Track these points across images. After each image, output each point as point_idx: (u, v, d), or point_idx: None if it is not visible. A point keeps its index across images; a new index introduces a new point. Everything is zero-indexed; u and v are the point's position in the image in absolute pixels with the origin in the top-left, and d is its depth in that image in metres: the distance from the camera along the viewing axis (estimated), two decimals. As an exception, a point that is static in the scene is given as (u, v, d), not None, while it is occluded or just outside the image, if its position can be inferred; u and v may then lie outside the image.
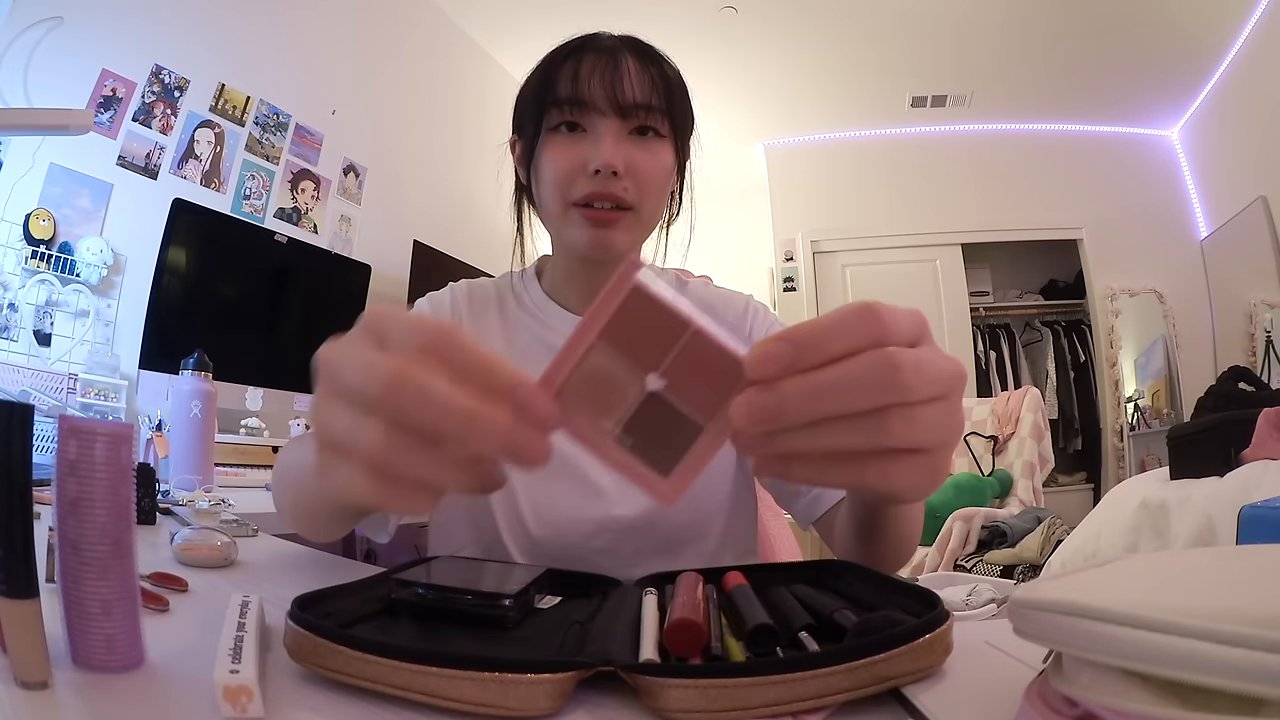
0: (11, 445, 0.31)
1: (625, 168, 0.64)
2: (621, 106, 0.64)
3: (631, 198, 0.65)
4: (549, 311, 0.75)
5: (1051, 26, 3.26)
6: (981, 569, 2.49)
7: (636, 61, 0.66)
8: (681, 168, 0.72)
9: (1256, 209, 3.28)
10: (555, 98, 0.65)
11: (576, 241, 0.67)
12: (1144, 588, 0.28)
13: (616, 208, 0.65)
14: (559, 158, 0.65)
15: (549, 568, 0.55)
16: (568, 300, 0.75)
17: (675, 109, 0.67)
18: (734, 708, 0.32)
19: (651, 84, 0.65)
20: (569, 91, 0.64)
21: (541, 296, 0.76)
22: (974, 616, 1.63)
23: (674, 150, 0.68)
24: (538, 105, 0.66)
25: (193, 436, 1.33)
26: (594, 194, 0.64)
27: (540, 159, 0.67)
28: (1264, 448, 1.50)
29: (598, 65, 0.65)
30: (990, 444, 3.50)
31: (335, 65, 2.61)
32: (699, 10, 3.15)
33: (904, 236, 4.15)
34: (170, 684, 0.34)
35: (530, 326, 0.74)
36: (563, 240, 0.70)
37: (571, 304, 0.74)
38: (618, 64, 0.65)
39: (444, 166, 3.08)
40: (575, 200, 0.65)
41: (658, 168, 0.66)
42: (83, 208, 1.80)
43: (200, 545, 0.62)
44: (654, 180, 0.66)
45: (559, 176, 0.65)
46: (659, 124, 0.66)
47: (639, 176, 0.65)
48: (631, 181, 0.65)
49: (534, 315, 0.75)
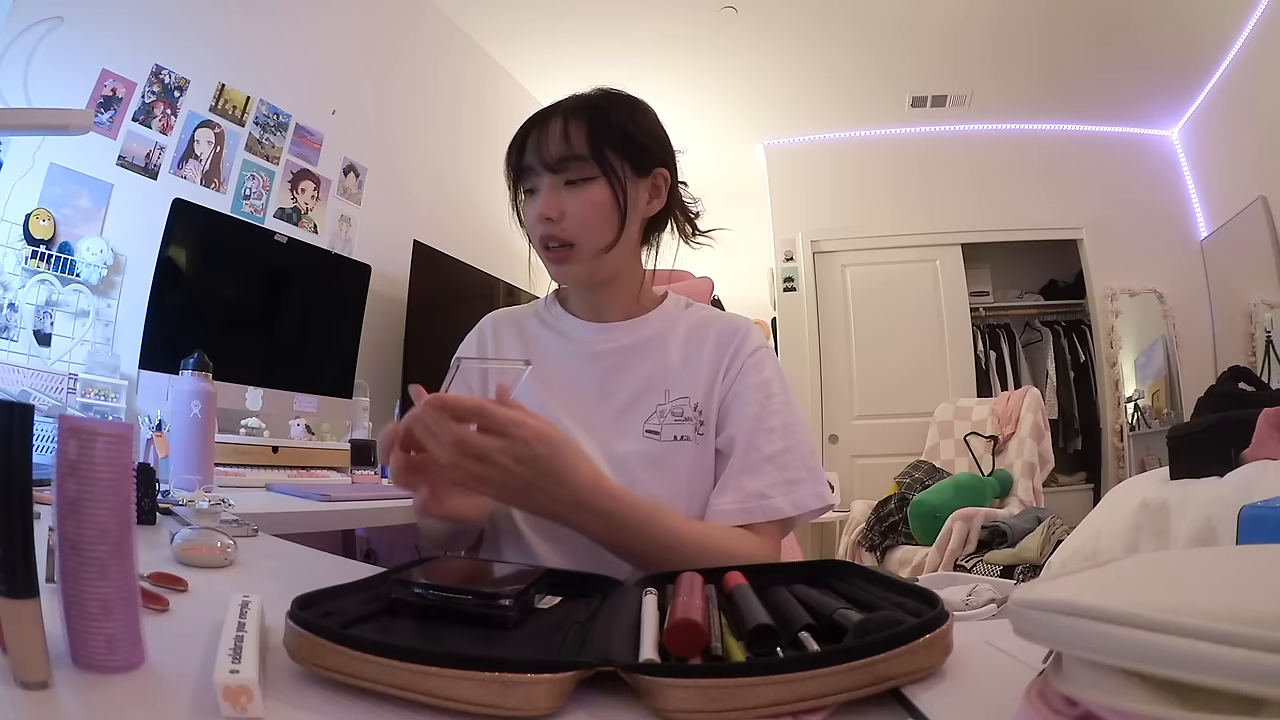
0: (11, 445, 0.31)
1: (558, 213, 0.77)
2: (548, 164, 0.78)
3: (570, 235, 0.78)
4: (566, 322, 0.90)
5: (1051, 27, 3.26)
6: (981, 569, 2.49)
7: (563, 121, 0.78)
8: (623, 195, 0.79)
9: (1256, 209, 3.28)
10: (516, 167, 0.81)
11: (550, 274, 0.84)
12: (1144, 588, 0.28)
13: (561, 245, 0.78)
14: (526, 215, 0.82)
15: (549, 568, 0.55)
16: (580, 314, 0.89)
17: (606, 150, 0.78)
18: (734, 708, 0.32)
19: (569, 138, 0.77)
20: (516, 161, 0.81)
21: (561, 312, 0.91)
22: (974, 616, 1.62)
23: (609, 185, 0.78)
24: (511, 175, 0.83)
25: (193, 436, 1.33)
26: (543, 237, 0.79)
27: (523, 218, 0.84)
28: (1264, 448, 1.50)
29: (535, 133, 0.79)
30: (990, 444, 3.50)
31: (335, 65, 2.61)
32: (699, 10, 3.14)
33: (904, 236, 4.15)
34: (170, 684, 0.34)
35: (550, 337, 0.89)
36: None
37: (580, 314, 0.89)
38: (546, 128, 0.78)
39: (444, 166, 3.08)
40: (537, 244, 0.81)
41: (589, 205, 0.78)
42: (83, 208, 1.80)
43: (200, 545, 0.62)
44: (588, 216, 0.78)
45: (530, 231, 0.82)
46: (585, 168, 0.77)
47: (572, 217, 0.78)
48: (567, 222, 0.78)
49: (552, 326, 0.90)
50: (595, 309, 0.87)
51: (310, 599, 0.41)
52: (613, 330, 0.86)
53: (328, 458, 1.93)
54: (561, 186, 0.78)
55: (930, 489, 3.15)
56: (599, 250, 0.79)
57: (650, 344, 0.84)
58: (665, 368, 0.82)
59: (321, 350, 2.19)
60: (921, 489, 3.23)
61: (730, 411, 0.80)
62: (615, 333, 0.85)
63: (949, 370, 4.03)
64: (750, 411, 0.79)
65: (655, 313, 0.87)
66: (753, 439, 0.77)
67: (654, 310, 0.88)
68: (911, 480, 3.40)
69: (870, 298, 4.15)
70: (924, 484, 3.30)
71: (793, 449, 0.77)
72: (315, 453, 1.92)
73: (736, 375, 0.82)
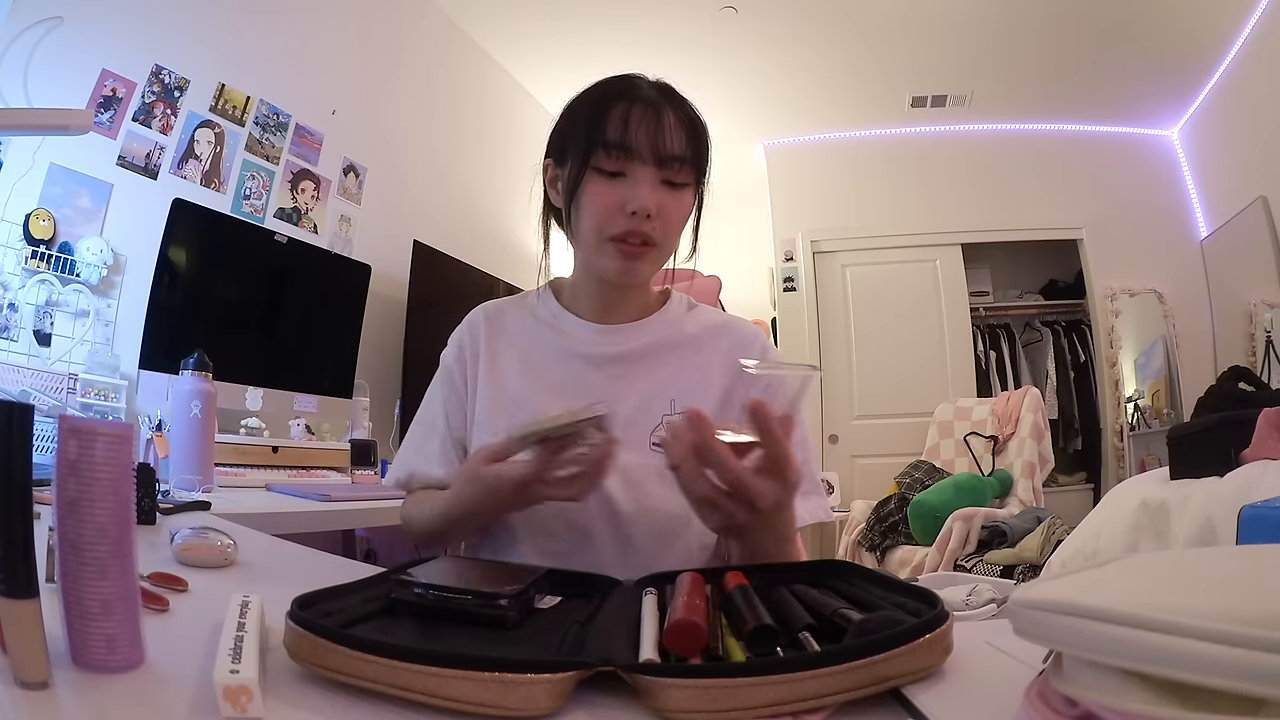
0: (11, 445, 0.31)
1: (656, 210, 0.74)
2: (661, 157, 0.74)
3: (658, 236, 0.75)
4: (565, 320, 0.85)
5: (1052, 26, 3.26)
6: (981, 569, 2.49)
7: (675, 115, 0.75)
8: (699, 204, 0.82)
9: (1256, 209, 3.28)
10: (605, 141, 0.74)
11: (607, 269, 0.77)
12: (1144, 588, 0.28)
13: (644, 243, 0.75)
14: (601, 197, 0.74)
15: (549, 568, 0.55)
16: (583, 312, 0.85)
17: (700, 157, 0.77)
18: (734, 708, 0.32)
19: (686, 137, 0.75)
20: (618, 137, 0.73)
21: (558, 309, 0.86)
22: (974, 616, 1.63)
23: (694, 192, 0.79)
24: (586, 143, 0.74)
25: (193, 436, 1.33)
26: (629, 232, 0.74)
27: (583, 194, 0.76)
28: (1264, 448, 1.50)
29: (645, 117, 0.74)
30: (990, 444, 3.50)
31: (335, 65, 2.61)
32: (699, 10, 3.14)
33: (904, 236, 4.15)
34: (170, 684, 0.34)
35: (546, 335, 0.85)
36: (592, 265, 0.80)
37: (586, 314, 0.85)
38: (660, 118, 0.74)
39: (444, 166, 3.08)
40: (612, 235, 0.75)
41: (682, 212, 0.78)
42: (83, 208, 1.80)
43: (200, 545, 0.62)
44: (677, 222, 0.78)
45: (600, 213, 0.75)
46: (687, 174, 0.76)
47: (666, 219, 0.75)
48: (659, 222, 0.75)
49: (550, 325, 0.85)
50: (606, 308, 0.84)
51: (310, 599, 0.41)
52: (615, 333, 0.83)
53: (328, 458, 1.93)
54: (660, 184, 0.75)
55: (930, 489, 3.15)
56: (668, 255, 0.80)
57: (655, 350, 0.83)
58: (671, 377, 0.81)
59: (321, 350, 2.19)
60: (921, 489, 3.23)
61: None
62: (618, 335, 0.83)
63: (949, 370, 4.03)
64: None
65: (659, 315, 0.86)
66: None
67: (658, 312, 0.86)
68: (911, 480, 3.40)
69: (870, 298, 4.15)
70: (924, 484, 3.31)
71: (807, 462, 0.78)
72: (315, 453, 1.92)
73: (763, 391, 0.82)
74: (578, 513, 0.73)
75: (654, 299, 0.88)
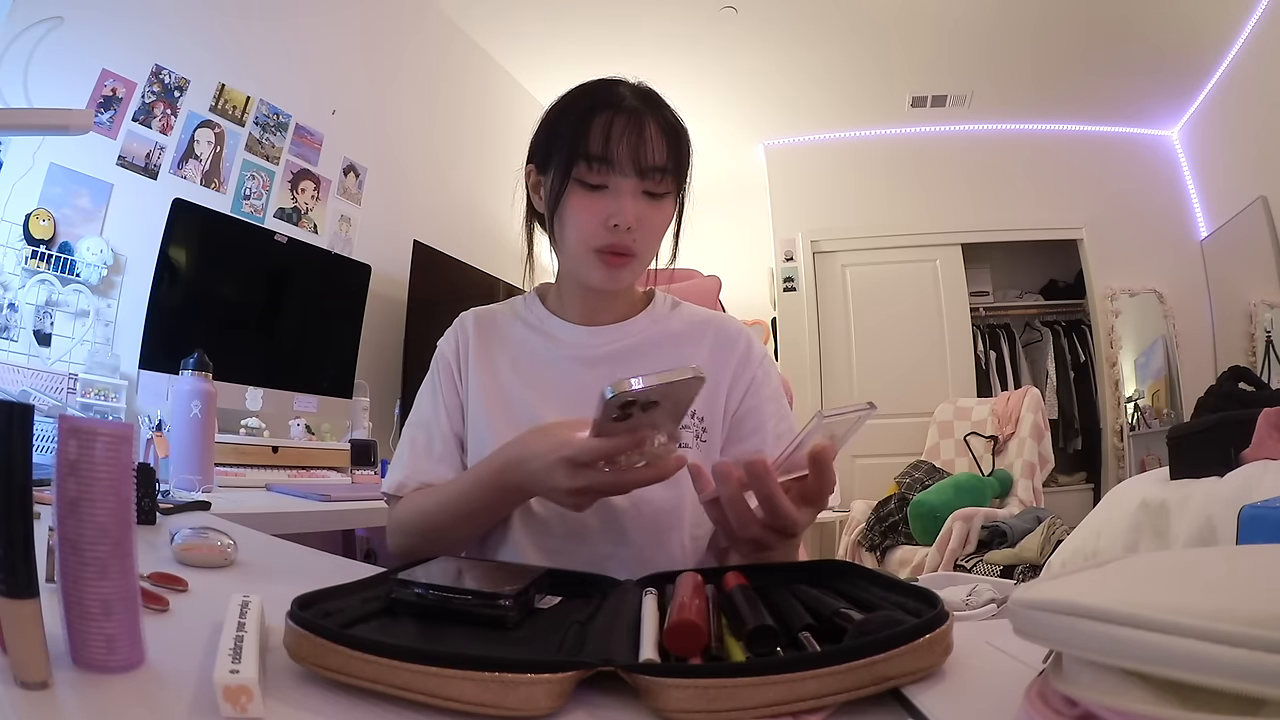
0: (11, 445, 0.31)
1: (637, 222, 0.75)
2: (642, 169, 0.74)
3: (638, 247, 0.77)
4: (552, 325, 0.87)
5: (1052, 26, 3.26)
6: (981, 569, 2.49)
7: (656, 124, 0.75)
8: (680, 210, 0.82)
9: (1256, 209, 3.28)
10: (587, 153, 0.74)
11: (591, 279, 0.79)
12: (1144, 588, 0.28)
13: (626, 254, 0.76)
14: (584, 209, 0.75)
15: (549, 568, 0.55)
16: (570, 315, 0.86)
17: (681, 166, 0.78)
18: (734, 708, 0.32)
19: (667, 146, 0.76)
20: (600, 150, 0.74)
21: (545, 314, 0.88)
22: (974, 616, 1.63)
23: (675, 200, 0.80)
24: (569, 155, 0.75)
25: (193, 436, 1.33)
26: (611, 244, 0.75)
27: (566, 206, 0.76)
28: (1264, 448, 1.50)
29: (627, 128, 0.74)
30: (990, 444, 3.50)
31: (335, 65, 2.61)
32: (699, 10, 3.14)
33: (904, 236, 4.15)
34: (170, 684, 0.34)
35: (535, 339, 0.86)
36: (576, 274, 0.81)
37: (572, 318, 0.86)
38: (642, 128, 0.74)
39: (444, 166, 3.08)
40: (595, 247, 0.76)
41: (662, 221, 0.79)
42: (83, 208, 1.80)
43: (200, 545, 0.62)
44: (658, 231, 0.79)
45: (583, 226, 0.76)
46: (667, 184, 0.77)
47: (646, 229, 0.76)
48: (640, 233, 0.76)
49: (538, 330, 0.87)
50: (591, 312, 0.85)
51: (310, 599, 0.41)
52: (603, 334, 0.84)
53: (328, 458, 1.94)
54: (641, 195, 0.75)
55: (930, 489, 3.15)
56: (649, 262, 0.81)
57: (643, 349, 0.83)
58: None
59: (321, 350, 2.19)
60: (921, 489, 3.23)
61: (750, 424, 0.82)
62: (605, 336, 0.84)
63: (949, 370, 4.03)
64: (770, 425, 0.81)
65: (644, 314, 0.86)
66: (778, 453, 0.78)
67: (643, 311, 0.87)
68: (911, 480, 3.40)
69: (870, 297, 4.15)
70: (924, 484, 3.30)
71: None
72: (315, 453, 1.92)
73: (749, 386, 0.83)
74: None
75: (639, 299, 0.89)
